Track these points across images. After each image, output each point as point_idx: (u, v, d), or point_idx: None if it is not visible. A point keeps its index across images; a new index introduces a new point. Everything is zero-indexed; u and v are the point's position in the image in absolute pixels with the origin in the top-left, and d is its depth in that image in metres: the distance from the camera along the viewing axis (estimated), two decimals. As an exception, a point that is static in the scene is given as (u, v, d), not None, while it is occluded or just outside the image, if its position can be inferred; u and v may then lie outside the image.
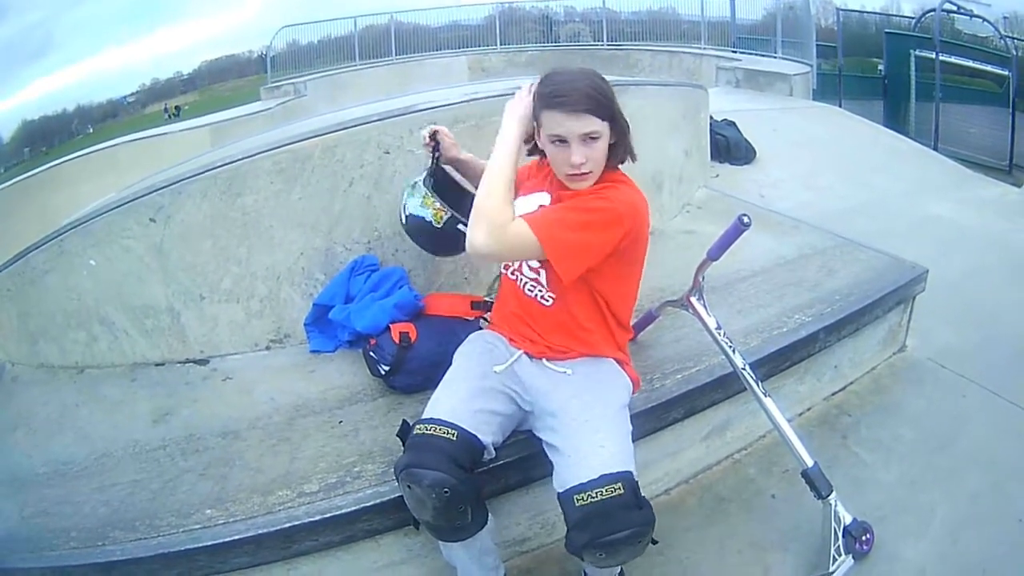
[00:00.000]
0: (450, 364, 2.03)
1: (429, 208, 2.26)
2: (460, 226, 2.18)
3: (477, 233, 1.76)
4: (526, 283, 1.99)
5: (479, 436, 1.80)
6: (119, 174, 7.60)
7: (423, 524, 1.82)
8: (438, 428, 1.77)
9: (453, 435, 1.76)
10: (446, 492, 1.70)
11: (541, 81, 1.85)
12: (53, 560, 1.85)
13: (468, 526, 1.81)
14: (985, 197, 5.19)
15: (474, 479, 1.79)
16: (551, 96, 1.78)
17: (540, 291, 1.96)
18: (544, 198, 1.96)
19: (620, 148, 1.90)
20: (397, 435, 1.94)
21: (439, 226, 2.26)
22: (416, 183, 2.31)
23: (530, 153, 2.02)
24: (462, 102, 2.89)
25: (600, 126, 1.78)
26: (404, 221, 2.36)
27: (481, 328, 2.26)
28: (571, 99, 1.75)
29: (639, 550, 1.72)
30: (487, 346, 2.04)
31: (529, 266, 1.97)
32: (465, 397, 1.87)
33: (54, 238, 2.77)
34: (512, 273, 2.03)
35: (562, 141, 1.78)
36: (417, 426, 1.80)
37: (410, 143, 2.76)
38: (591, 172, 1.82)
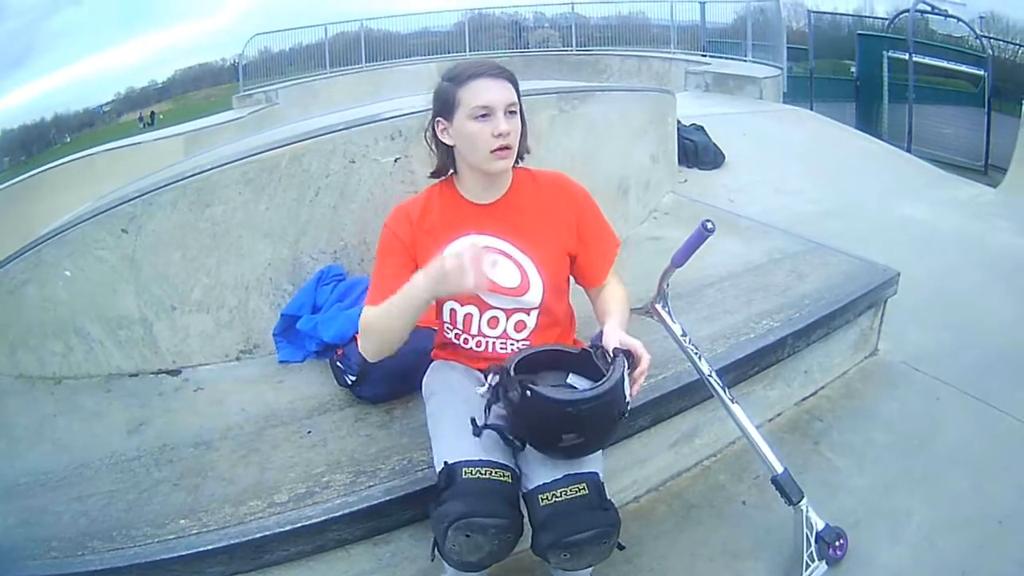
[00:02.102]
0: (414, 372, 2.04)
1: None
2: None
3: None
4: (494, 342, 1.96)
5: (516, 468, 1.74)
6: (97, 183, 7.53)
7: (457, 563, 1.68)
8: (494, 471, 1.66)
9: (507, 476, 1.68)
10: (509, 536, 1.65)
11: (447, 73, 1.84)
12: (35, 570, 1.86)
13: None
14: (960, 198, 5.22)
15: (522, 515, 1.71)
16: (469, 69, 1.79)
17: (515, 344, 1.95)
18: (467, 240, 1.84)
19: (523, 142, 1.89)
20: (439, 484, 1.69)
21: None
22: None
23: (434, 174, 1.97)
24: (428, 109, 2.87)
25: (516, 99, 1.80)
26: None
27: None
28: (491, 67, 1.79)
29: (604, 552, 1.70)
30: (460, 371, 2.00)
31: (518, 324, 1.93)
32: (489, 431, 1.74)
33: (32, 248, 2.78)
34: (472, 338, 1.98)
35: (486, 114, 1.76)
36: (465, 469, 1.66)
37: (375, 152, 2.78)
38: (512, 148, 1.81)
